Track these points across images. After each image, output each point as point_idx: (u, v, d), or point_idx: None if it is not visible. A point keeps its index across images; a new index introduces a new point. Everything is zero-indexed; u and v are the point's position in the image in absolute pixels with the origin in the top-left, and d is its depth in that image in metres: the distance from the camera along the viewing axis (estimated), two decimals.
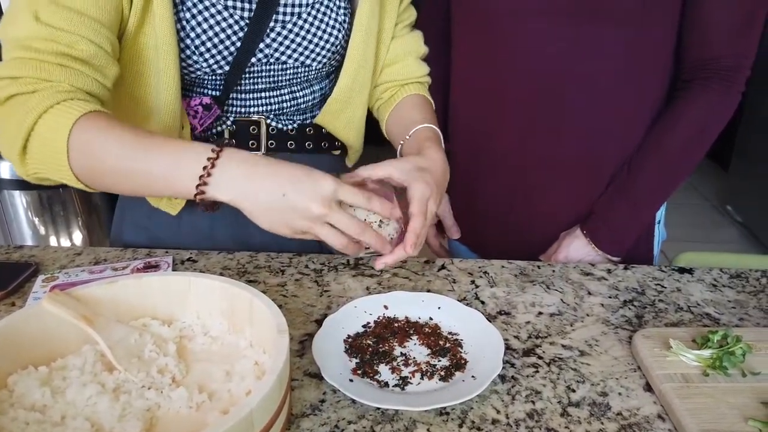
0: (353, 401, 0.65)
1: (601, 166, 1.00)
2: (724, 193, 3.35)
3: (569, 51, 0.92)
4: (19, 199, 1.97)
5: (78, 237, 2.05)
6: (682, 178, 0.98)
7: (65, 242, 2.04)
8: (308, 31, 0.87)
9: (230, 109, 0.91)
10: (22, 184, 1.93)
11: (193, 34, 0.80)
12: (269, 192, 0.64)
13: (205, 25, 0.80)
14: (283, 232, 0.67)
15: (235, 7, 0.81)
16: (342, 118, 0.96)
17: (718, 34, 0.89)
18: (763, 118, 2.93)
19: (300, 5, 0.86)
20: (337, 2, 0.89)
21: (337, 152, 1.03)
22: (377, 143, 1.17)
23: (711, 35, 0.90)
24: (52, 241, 2.03)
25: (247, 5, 0.82)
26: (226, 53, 0.83)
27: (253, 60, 0.85)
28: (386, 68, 0.98)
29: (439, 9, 1.11)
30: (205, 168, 0.64)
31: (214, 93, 0.88)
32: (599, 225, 0.99)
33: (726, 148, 3.22)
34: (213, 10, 0.80)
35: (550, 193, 1.03)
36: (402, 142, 0.88)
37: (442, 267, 0.93)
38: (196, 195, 0.65)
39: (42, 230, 2.02)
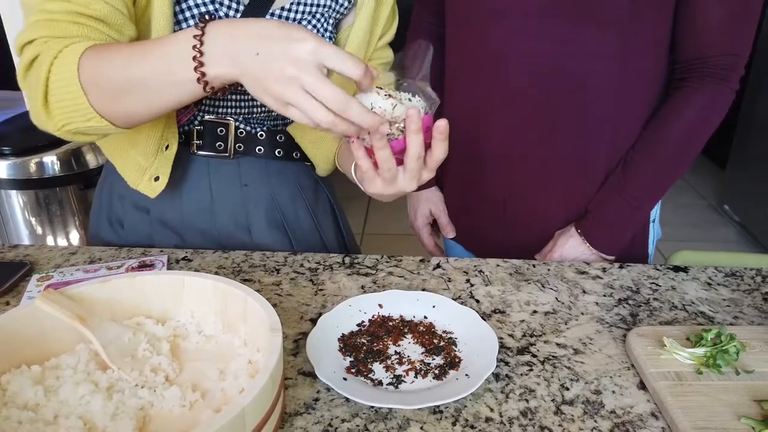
0: (347, 400, 0.65)
1: (595, 165, 1.00)
2: (721, 192, 3.35)
3: (561, 52, 0.92)
4: (16, 199, 1.96)
5: (75, 237, 2.05)
6: (677, 177, 0.98)
7: (62, 242, 2.04)
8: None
9: (202, 108, 0.90)
10: (18, 184, 1.93)
11: (185, 6, 0.80)
12: (245, 52, 0.60)
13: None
14: (266, 101, 0.62)
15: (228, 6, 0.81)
16: (311, 134, 0.95)
17: (711, 32, 0.89)
18: (760, 117, 2.93)
19: (287, 17, 0.86)
20: (326, 25, 0.89)
21: (309, 163, 1.01)
22: None
23: (705, 34, 0.90)
24: (49, 240, 2.03)
25: (234, 5, 0.82)
26: None
27: None
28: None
29: (432, 10, 1.12)
30: (195, 47, 0.62)
31: None
32: (594, 224, 0.99)
33: (724, 147, 3.23)
34: (203, 9, 0.81)
35: (544, 192, 1.03)
36: None
37: (438, 266, 0.93)
38: (199, 79, 0.63)
39: (39, 230, 2.01)
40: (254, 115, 0.92)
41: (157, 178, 0.89)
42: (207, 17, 0.63)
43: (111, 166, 0.95)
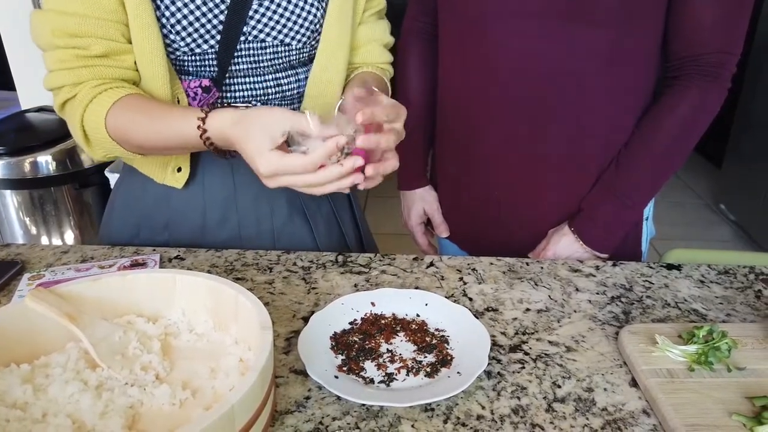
0: (338, 398, 0.65)
1: (588, 164, 1.00)
2: (717, 191, 3.36)
3: (554, 51, 0.92)
4: (10, 199, 1.96)
5: (70, 236, 2.04)
6: (669, 175, 0.98)
7: (57, 241, 2.03)
8: (285, 8, 0.88)
9: (221, 96, 0.91)
10: (12, 184, 1.92)
11: (167, 13, 0.81)
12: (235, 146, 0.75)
13: (181, 6, 0.82)
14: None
15: None
16: (322, 101, 0.96)
17: (703, 30, 0.89)
18: (756, 116, 2.94)
19: None
20: None
21: None
22: None
23: (697, 32, 0.90)
24: (44, 240, 2.02)
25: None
26: (206, 35, 0.84)
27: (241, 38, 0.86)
28: (351, 51, 0.99)
29: (426, 9, 1.11)
30: (199, 127, 0.76)
31: (212, 74, 0.88)
32: (587, 222, 0.99)
33: (719, 146, 3.23)
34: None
35: (537, 191, 1.03)
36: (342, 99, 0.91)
37: (431, 264, 0.93)
38: (205, 143, 0.76)
39: (33, 230, 2.01)
40: (270, 96, 0.93)
41: (179, 169, 0.92)
42: (207, 110, 0.76)
43: (128, 167, 0.97)
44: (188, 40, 0.83)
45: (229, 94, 0.91)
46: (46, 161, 1.93)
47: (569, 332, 0.77)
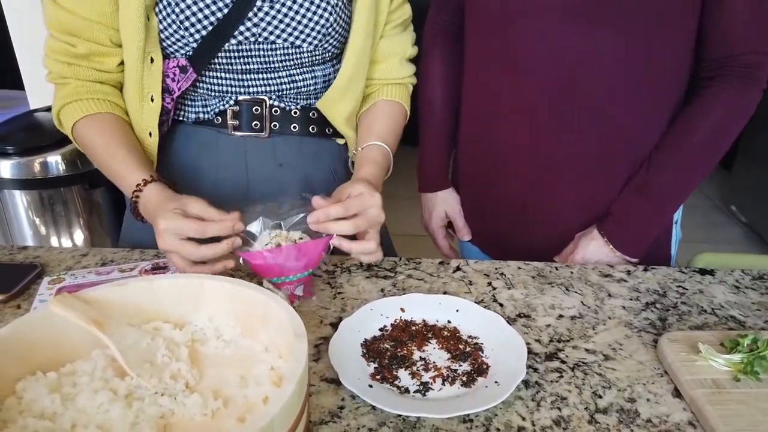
0: (373, 408, 0.63)
1: (617, 166, 0.98)
2: (728, 193, 3.33)
3: (582, 51, 0.90)
4: (20, 199, 1.94)
5: (79, 237, 2.02)
6: (702, 177, 0.96)
7: (66, 243, 2.01)
8: (297, 12, 0.87)
9: (230, 89, 0.92)
10: (22, 184, 1.90)
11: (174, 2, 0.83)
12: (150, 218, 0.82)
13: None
14: None
15: None
16: (339, 107, 0.96)
17: (739, 30, 0.87)
18: (767, 117, 2.91)
19: None
20: None
21: (342, 141, 1.03)
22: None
23: (732, 32, 0.88)
24: (53, 241, 2.00)
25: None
26: (197, 25, 0.85)
27: (241, 38, 0.87)
28: (371, 65, 0.98)
29: (449, 8, 1.09)
30: (134, 192, 0.83)
31: (189, 54, 0.89)
32: (618, 226, 0.97)
33: (730, 148, 3.20)
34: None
35: (563, 194, 1.01)
36: (355, 152, 0.97)
37: (458, 268, 0.91)
38: (132, 199, 0.84)
39: (43, 230, 1.99)
40: (285, 92, 0.93)
41: (150, 134, 0.92)
42: (143, 182, 0.82)
43: None
44: (192, 30, 0.85)
45: (244, 89, 0.92)
46: (56, 161, 1.91)
47: (605, 339, 0.75)
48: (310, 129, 0.97)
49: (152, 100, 0.90)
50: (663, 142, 0.94)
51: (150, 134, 0.92)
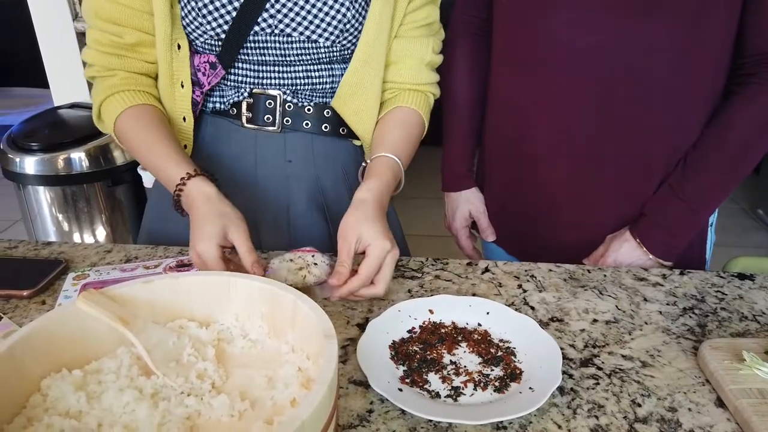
0: (403, 412, 0.61)
1: (650, 166, 0.94)
2: (754, 197, 3.26)
3: (616, 45, 0.87)
4: (44, 195, 1.95)
5: (101, 233, 2.03)
6: (740, 179, 0.92)
7: (89, 239, 2.02)
8: (314, 5, 0.86)
9: (245, 80, 0.91)
10: (46, 180, 1.92)
11: None
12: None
13: None
14: None
15: None
16: (351, 104, 0.94)
17: None
18: None
19: None
20: None
21: (359, 142, 1.01)
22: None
23: None
24: (76, 237, 2.02)
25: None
26: (228, 17, 0.85)
27: (257, 29, 0.86)
28: (387, 66, 0.95)
29: (476, 1, 1.07)
30: (177, 186, 0.82)
31: (216, 52, 0.89)
32: (651, 228, 0.94)
33: None
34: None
35: (594, 193, 0.98)
36: (365, 164, 0.92)
37: (486, 270, 0.89)
38: (175, 195, 0.83)
39: (66, 226, 2.00)
40: (299, 87, 0.92)
41: (184, 119, 0.93)
42: (187, 176, 0.81)
43: None
44: (213, 24, 0.85)
45: (257, 80, 0.92)
46: (80, 158, 1.92)
47: (643, 346, 0.72)
48: (323, 128, 0.95)
49: (182, 86, 0.90)
50: (700, 142, 0.91)
51: (184, 119, 0.92)
